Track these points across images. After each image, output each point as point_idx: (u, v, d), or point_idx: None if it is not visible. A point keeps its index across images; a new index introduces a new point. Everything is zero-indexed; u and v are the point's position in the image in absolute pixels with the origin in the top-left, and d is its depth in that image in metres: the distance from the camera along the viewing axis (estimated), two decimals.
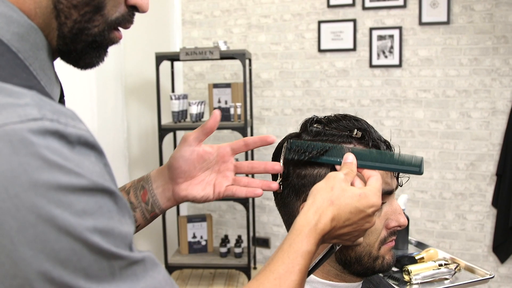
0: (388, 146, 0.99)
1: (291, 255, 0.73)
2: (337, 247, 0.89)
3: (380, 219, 0.94)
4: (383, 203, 0.94)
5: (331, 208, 0.78)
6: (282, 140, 1.03)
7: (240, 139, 0.99)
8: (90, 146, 0.53)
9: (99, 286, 0.50)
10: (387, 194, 0.95)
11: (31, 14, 0.58)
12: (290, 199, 0.98)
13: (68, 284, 0.48)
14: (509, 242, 3.53)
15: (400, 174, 1.01)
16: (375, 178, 0.85)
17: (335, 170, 0.91)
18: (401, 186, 1.03)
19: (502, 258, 3.58)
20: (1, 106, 0.48)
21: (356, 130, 0.96)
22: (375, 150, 0.93)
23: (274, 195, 1.04)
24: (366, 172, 0.87)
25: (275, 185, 0.96)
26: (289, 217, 1.01)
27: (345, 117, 0.99)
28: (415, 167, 0.90)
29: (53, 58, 0.64)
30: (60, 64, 0.67)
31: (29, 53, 0.58)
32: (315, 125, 0.99)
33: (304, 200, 0.94)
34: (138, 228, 0.98)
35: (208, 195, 0.97)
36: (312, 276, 0.99)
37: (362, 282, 1.03)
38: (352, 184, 0.83)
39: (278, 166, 0.95)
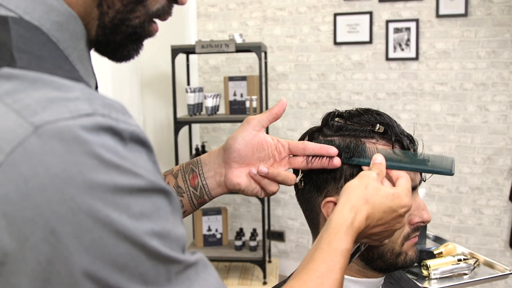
0: (412, 140, 0.97)
1: (331, 254, 0.72)
2: (363, 247, 0.88)
3: None
4: None
5: (366, 207, 0.77)
6: (303, 135, 1.02)
7: (300, 141, 0.95)
8: (141, 142, 0.50)
9: None
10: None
11: (72, 2, 0.56)
12: (311, 195, 0.97)
13: None
14: None
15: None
16: (405, 179, 0.84)
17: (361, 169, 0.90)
18: (424, 181, 1.01)
19: None
20: (50, 101, 0.45)
21: (378, 124, 0.94)
22: (401, 151, 0.92)
23: (295, 190, 1.03)
24: (395, 173, 0.86)
25: (333, 150, 0.90)
26: (310, 212, 1.00)
27: (367, 111, 0.98)
28: (446, 169, 0.88)
29: (90, 48, 0.62)
30: None
31: (68, 43, 0.55)
32: (336, 120, 0.98)
33: (326, 196, 0.94)
34: (184, 214, 0.94)
35: (258, 190, 0.93)
36: None
37: (384, 278, 1.03)
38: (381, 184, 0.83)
39: (338, 162, 0.90)
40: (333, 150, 0.90)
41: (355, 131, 0.95)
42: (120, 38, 0.61)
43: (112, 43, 0.61)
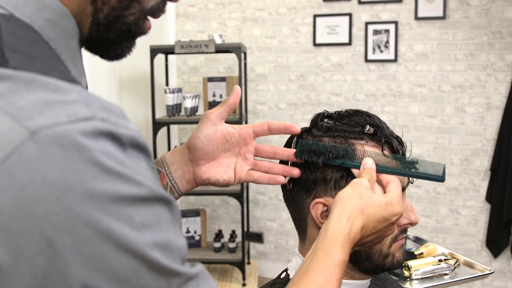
0: (400, 142, 0.97)
1: (328, 265, 0.72)
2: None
3: None
4: None
5: (361, 217, 0.77)
6: (291, 136, 1.01)
7: (263, 122, 0.95)
8: (141, 148, 0.48)
9: None
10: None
11: None
12: (299, 196, 0.96)
13: None
14: (502, 237, 3.54)
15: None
16: (396, 184, 0.84)
17: (350, 172, 0.90)
18: (412, 183, 1.01)
19: (495, 253, 3.59)
20: (47, 104, 0.42)
21: (368, 126, 0.94)
22: (391, 154, 0.92)
23: (283, 191, 1.02)
24: (385, 177, 0.86)
25: (296, 171, 0.93)
26: (298, 213, 0.99)
27: (356, 112, 0.97)
28: (437, 176, 0.88)
29: (81, 47, 0.59)
30: None
31: (60, 42, 0.53)
32: (325, 120, 0.97)
33: (315, 197, 0.93)
34: None
35: (230, 178, 0.93)
36: None
37: (370, 279, 1.02)
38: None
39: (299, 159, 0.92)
40: (296, 128, 0.92)
41: (344, 132, 0.94)
42: (114, 36, 0.59)
43: (105, 41, 0.59)
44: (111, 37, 0.59)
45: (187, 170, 0.92)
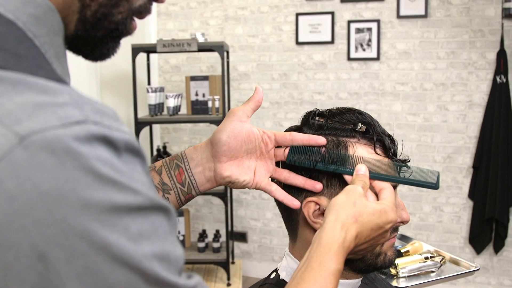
0: (392, 140, 0.97)
1: (323, 274, 0.70)
2: None
3: None
4: None
5: (355, 225, 0.75)
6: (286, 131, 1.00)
7: (287, 131, 0.93)
8: (136, 152, 0.45)
9: None
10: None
11: None
12: (291, 194, 0.95)
13: None
14: (485, 233, 3.57)
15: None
16: (389, 191, 0.83)
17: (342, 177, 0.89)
18: None
19: (478, 250, 3.62)
20: (37, 106, 0.40)
21: (360, 124, 0.93)
22: (385, 160, 0.91)
23: None
24: (378, 184, 0.85)
25: (319, 186, 0.90)
26: (289, 213, 0.98)
27: (348, 110, 0.96)
28: (432, 183, 0.87)
29: (66, 46, 0.56)
30: None
31: (45, 39, 0.49)
32: (317, 118, 0.96)
33: (307, 196, 0.92)
34: None
35: (250, 180, 0.91)
36: None
37: (361, 279, 1.02)
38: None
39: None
40: (322, 140, 0.89)
41: (336, 130, 0.93)
42: (101, 35, 0.56)
43: (92, 40, 0.56)
44: (97, 36, 0.56)
45: (208, 166, 0.90)
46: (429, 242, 3.73)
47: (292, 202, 0.91)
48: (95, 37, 0.56)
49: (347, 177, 0.87)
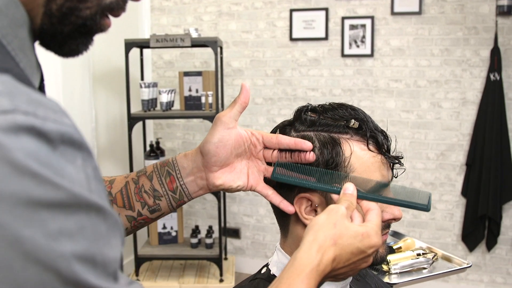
0: (385, 136, 0.96)
1: None
2: None
3: None
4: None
5: (333, 248, 0.72)
6: (274, 129, 0.99)
7: (273, 133, 0.92)
8: (77, 145, 0.43)
9: None
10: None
11: None
12: (283, 191, 0.94)
13: None
14: (477, 231, 3.58)
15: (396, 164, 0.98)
16: (376, 213, 0.79)
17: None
18: (396, 177, 1.00)
19: (471, 247, 3.63)
20: None
21: (353, 120, 0.92)
22: (375, 181, 0.89)
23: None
24: (365, 204, 0.81)
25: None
26: (281, 210, 0.97)
27: (341, 106, 0.95)
28: (423, 205, 0.83)
29: (34, 39, 0.54)
30: None
31: (7, 30, 0.48)
32: (309, 114, 0.95)
33: (299, 192, 0.91)
34: (161, 216, 0.90)
35: (243, 184, 0.90)
36: None
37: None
38: (350, 218, 0.78)
39: (312, 156, 0.88)
40: (308, 145, 0.88)
41: (328, 126, 0.92)
42: (68, 30, 0.54)
43: (59, 35, 0.54)
44: (65, 31, 0.54)
45: (200, 176, 0.89)
46: (422, 239, 3.73)
47: (288, 207, 0.91)
48: (62, 32, 0.54)
49: (334, 196, 0.85)
